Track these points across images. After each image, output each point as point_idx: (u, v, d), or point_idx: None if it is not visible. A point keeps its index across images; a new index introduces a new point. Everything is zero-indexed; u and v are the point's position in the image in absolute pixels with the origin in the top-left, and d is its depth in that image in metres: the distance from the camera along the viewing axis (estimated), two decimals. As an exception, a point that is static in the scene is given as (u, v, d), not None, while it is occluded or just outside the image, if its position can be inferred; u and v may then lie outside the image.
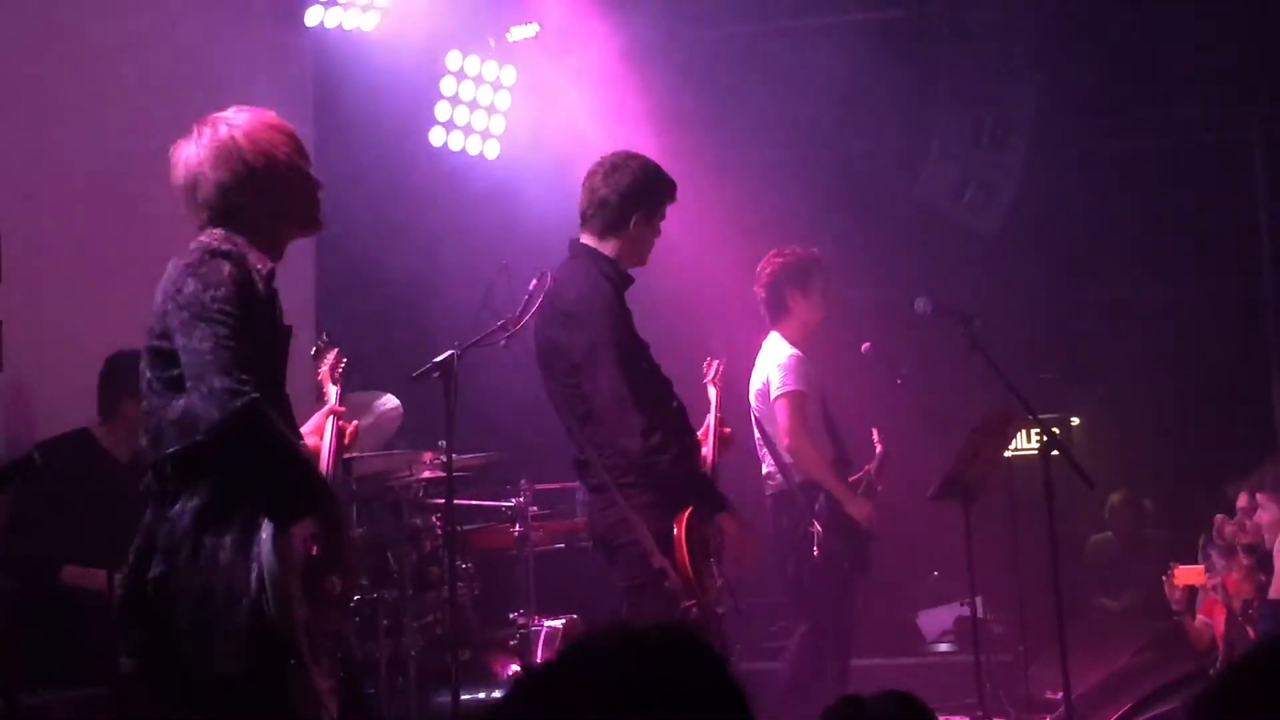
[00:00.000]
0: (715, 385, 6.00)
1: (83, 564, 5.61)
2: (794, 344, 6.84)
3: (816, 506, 6.61)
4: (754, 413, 6.87)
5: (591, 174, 5.39)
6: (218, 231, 3.75)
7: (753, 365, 6.93)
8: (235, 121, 3.84)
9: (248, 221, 3.79)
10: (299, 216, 3.95)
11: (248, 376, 3.51)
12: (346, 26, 7.81)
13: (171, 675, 3.64)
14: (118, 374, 5.80)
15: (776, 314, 6.92)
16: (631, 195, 5.34)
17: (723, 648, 5.16)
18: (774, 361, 6.80)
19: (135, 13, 6.82)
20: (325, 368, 4.61)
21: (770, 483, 6.81)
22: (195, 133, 3.84)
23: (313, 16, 7.70)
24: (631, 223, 5.34)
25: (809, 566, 6.60)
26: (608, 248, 5.36)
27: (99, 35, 6.64)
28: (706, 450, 5.60)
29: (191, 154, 3.81)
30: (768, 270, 6.93)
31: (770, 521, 6.80)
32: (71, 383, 6.08)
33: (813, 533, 6.57)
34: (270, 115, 3.92)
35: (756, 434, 6.84)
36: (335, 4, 7.73)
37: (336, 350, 4.71)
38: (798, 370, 6.74)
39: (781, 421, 6.70)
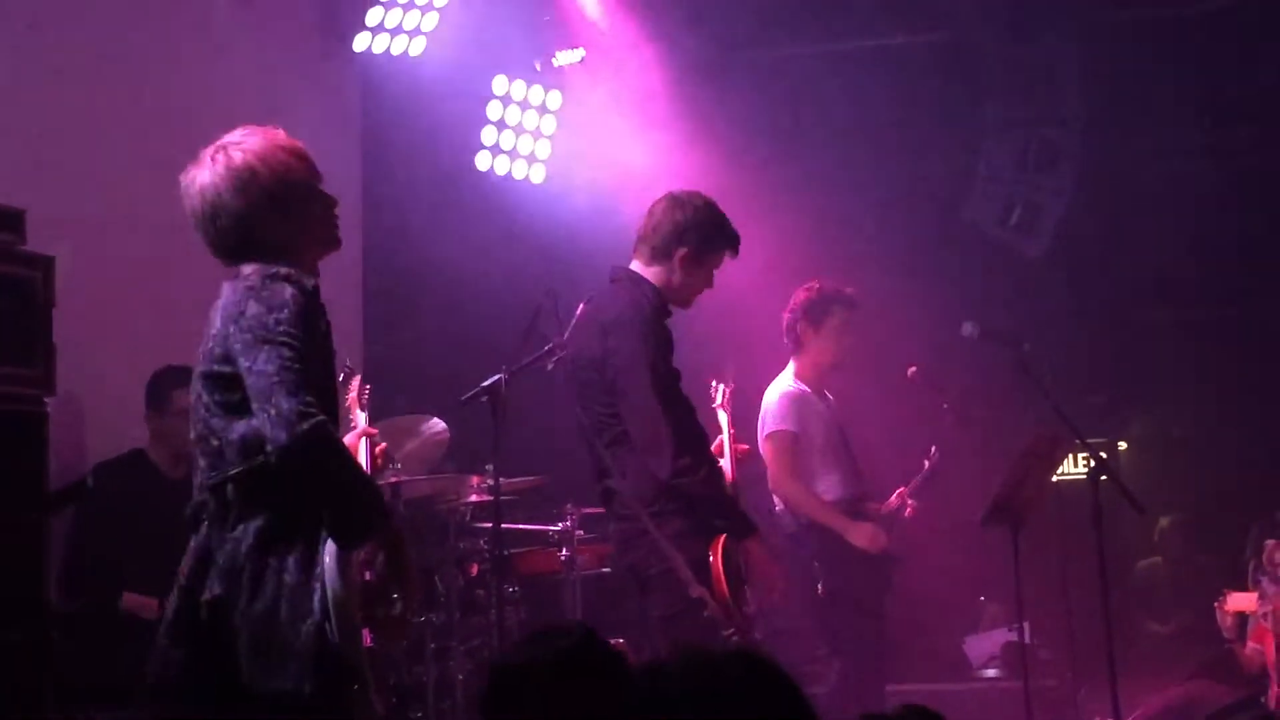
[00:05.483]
0: (725, 409, 5.96)
1: (139, 585, 5.65)
2: (805, 380, 6.86)
3: (814, 544, 6.64)
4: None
5: (656, 202, 5.44)
6: (256, 265, 3.70)
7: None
8: (248, 146, 3.76)
9: (275, 247, 3.73)
10: (320, 236, 3.88)
11: (313, 399, 3.51)
12: (394, 52, 7.86)
13: (221, 696, 3.62)
14: (166, 371, 5.90)
15: (794, 347, 6.93)
16: (683, 229, 5.36)
17: None
18: (766, 401, 6.81)
19: (183, 38, 6.88)
20: (352, 394, 4.66)
21: (783, 523, 6.82)
22: (208, 160, 3.76)
23: (360, 42, 7.75)
24: (676, 255, 5.36)
25: (816, 604, 6.64)
26: (651, 274, 5.38)
27: (147, 60, 6.70)
28: (724, 467, 5.60)
29: (207, 182, 3.73)
30: (792, 302, 6.95)
31: (789, 559, 6.83)
32: (123, 406, 6.13)
33: (815, 572, 6.61)
34: (280, 135, 3.84)
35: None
36: (382, 29, 7.78)
37: (360, 376, 4.76)
38: (783, 410, 6.74)
39: (767, 464, 6.72)
